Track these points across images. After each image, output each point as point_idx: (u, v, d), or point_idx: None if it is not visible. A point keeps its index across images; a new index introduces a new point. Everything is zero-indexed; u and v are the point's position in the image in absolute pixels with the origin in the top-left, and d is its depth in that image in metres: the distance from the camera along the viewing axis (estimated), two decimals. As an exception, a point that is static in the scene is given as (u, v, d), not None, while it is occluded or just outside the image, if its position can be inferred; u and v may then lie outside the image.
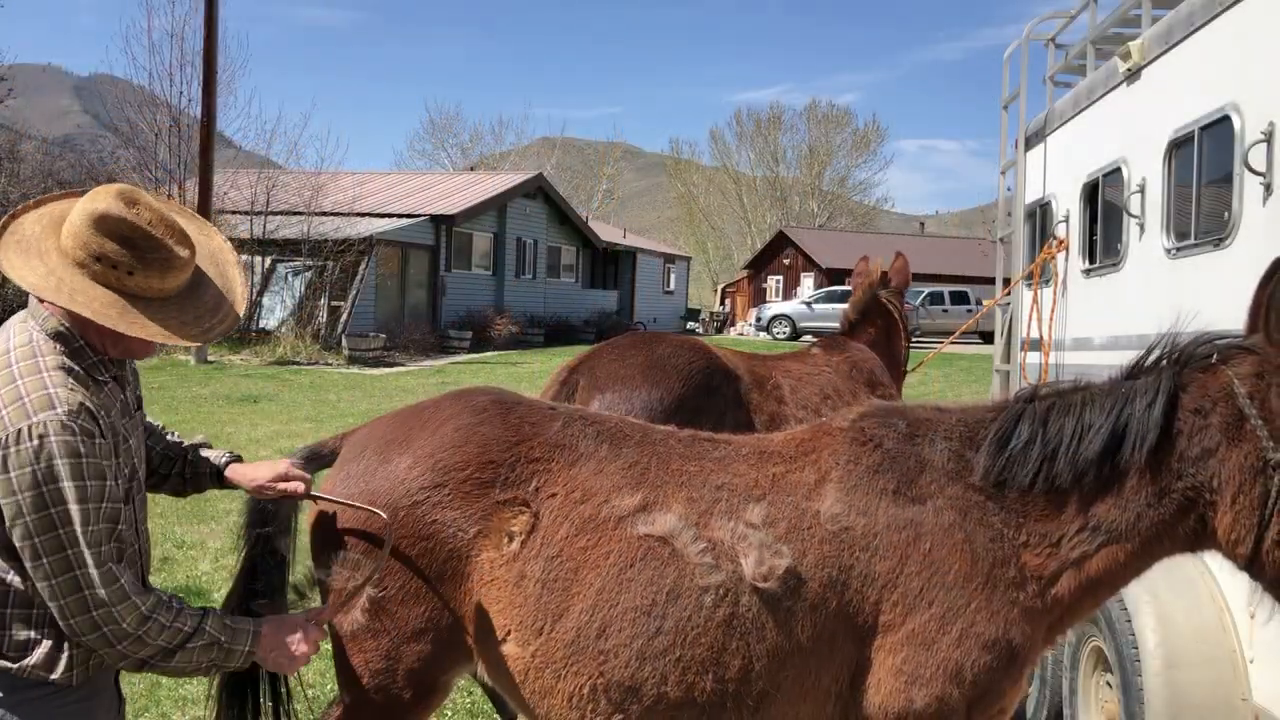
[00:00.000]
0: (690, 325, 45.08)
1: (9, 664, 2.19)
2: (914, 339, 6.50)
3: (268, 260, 25.23)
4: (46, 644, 2.21)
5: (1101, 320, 5.40)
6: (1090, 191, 5.68)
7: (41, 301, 2.27)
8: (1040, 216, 6.64)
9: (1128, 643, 3.73)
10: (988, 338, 24.19)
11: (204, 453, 2.76)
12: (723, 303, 58.42)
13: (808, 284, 49.63)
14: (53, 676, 2.21)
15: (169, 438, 2.77)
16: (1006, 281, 7.36)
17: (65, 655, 2.22)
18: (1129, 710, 3.70)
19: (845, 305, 6.35)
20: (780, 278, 54.00)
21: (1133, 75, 4.96)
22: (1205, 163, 4.22)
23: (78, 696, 2.27)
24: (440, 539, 2.58)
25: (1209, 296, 3.89)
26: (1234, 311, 2.52)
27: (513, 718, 4.04)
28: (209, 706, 2.95)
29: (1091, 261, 5.65)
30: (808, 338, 27.49)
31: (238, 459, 2.77)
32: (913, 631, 2.39)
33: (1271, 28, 3.71)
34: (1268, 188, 3.62)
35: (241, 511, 2.90)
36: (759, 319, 39.46)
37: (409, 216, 28.50)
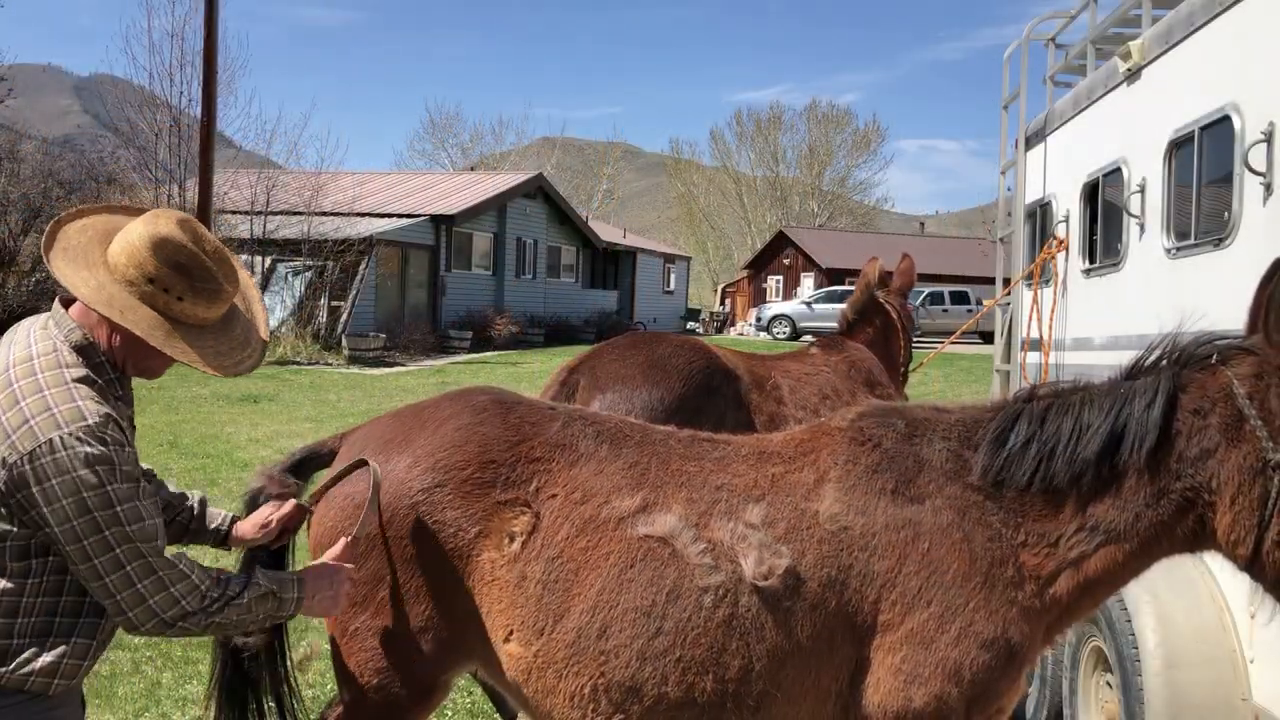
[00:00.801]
0: (690, 325, 45.08)
1: None
2: (915, 339, 6.49)
3: (268, 260, 25.22)
4: (29, 652, 2.20)
5: (1101, 320, 5.40)
6: (1090, 191, 5.68)
7: (66, 310, 2.30)
8: (1040, 216, 6.64)
9: (1128, 643, 3.73)
10: (988, 338, 24.19)
11: (210, 512, 2.80)
12: (723, 303, 58.43)
13: (808, 284, 49.62)
14: (30, 686, 2.20)
15: (169, 487, 2.80)
16: (1006, 281, 7.36)
17: (47, 664, 2.21)
18: (1129, 710, 3.70)
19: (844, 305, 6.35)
20: (780, 278, 54.00)
21: (1133, 75, 4.96)
22: (1205, 163, 4.22)
23: (58, 702, 2.26)
24: (441, 539, 2.58)
25: (1209, 296, 3.89)
26: (1234, 311, 2.52)
27: (513, 717, 4.04)
28: (209, 706, 2.95)
29: (1091, 261, 5.65)
30: (807, 338, 27.50)
31: (235, 519, 2.82)
32: (911, 630, 2.39)
33: (1271, 28, 3.71)
34: (1268, 188, 3.62)
35: (240, 511, 2.90)
36: (759, 319, 39.45)
37: (409, 216, 28.49)
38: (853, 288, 6.38)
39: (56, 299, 2.34)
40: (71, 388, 2.17)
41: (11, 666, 2.19)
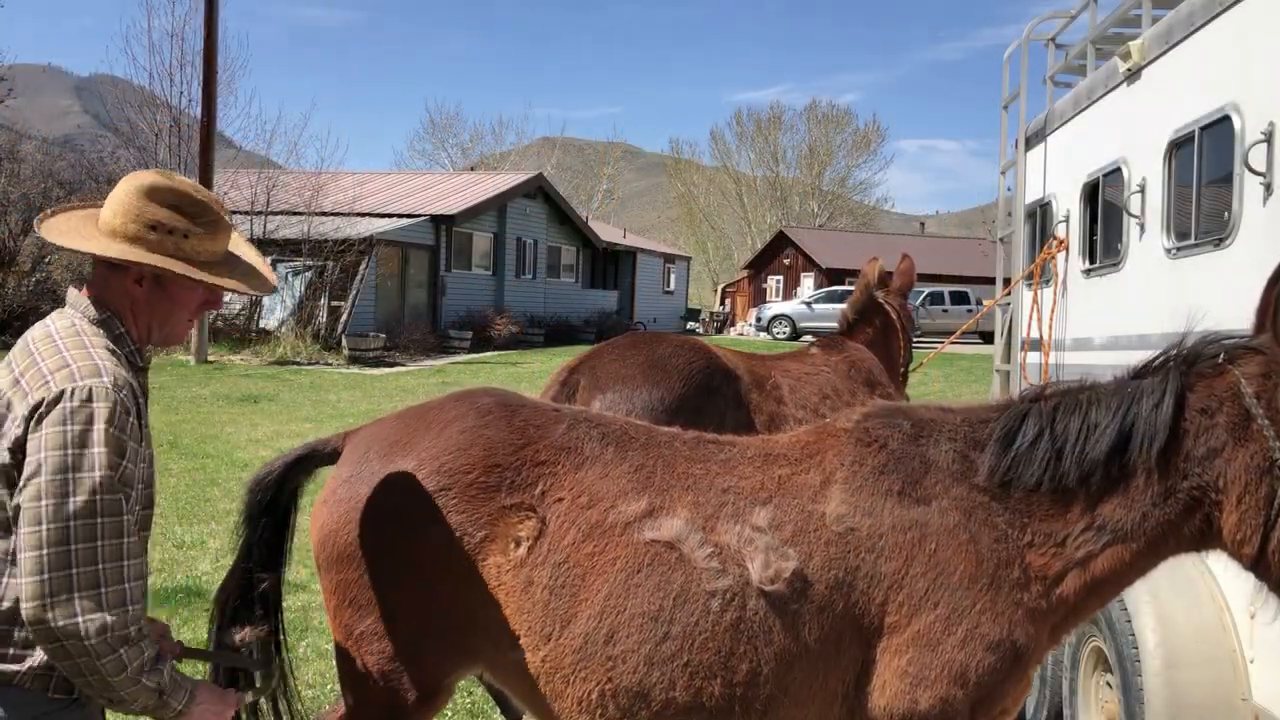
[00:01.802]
0: (690, 325, 45.05)
1: (15, 666, 2.15)
2: (915, 339, 6.49)
3: (268, 260, 25.15)
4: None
5: (1101, 320, 5.40)
6: (1090, 191, 5.68)
7: (81, 291, 2.33)
8: (1040, 216, 6.64)
9: (1128, 643, 3.73)
10: (988, 338, 24.19)
11: None
12: (723, 303, 58.40)
13: (808, 284, 49.61)
14: (51, 687, 2.17)
15: None
16: (1006, 281, 7.37)
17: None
18: (1129, 710, 3.70)
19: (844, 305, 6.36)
20: (780, 278, 53.98)
21: (1133, 75, 4.96)
22: (1205, 163, 4.22)
23: (79, 703, 2.24)
24: (446, 543, 2.57)
25: (1209, 296, 3.89)
26: (1234, 311, 2.52)
27: (516, 718, 4.04)
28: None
29: (1091, 261, 5.65)
30: (807, 338, 27.48)
31: None
32: (918, 633, 2.39)
33: (1271, 28, 3.71)
34: (1268, 188, 3.62)
35: (240, 511, 2.90)
36: (759, 319, 39.43)
37: (409, 216, 28.48)
38: (853, 288, 6.38)
39: (70, 287, 2.38)
40: (92, 350, 2.20)
41: (35, 660, 2.14)
